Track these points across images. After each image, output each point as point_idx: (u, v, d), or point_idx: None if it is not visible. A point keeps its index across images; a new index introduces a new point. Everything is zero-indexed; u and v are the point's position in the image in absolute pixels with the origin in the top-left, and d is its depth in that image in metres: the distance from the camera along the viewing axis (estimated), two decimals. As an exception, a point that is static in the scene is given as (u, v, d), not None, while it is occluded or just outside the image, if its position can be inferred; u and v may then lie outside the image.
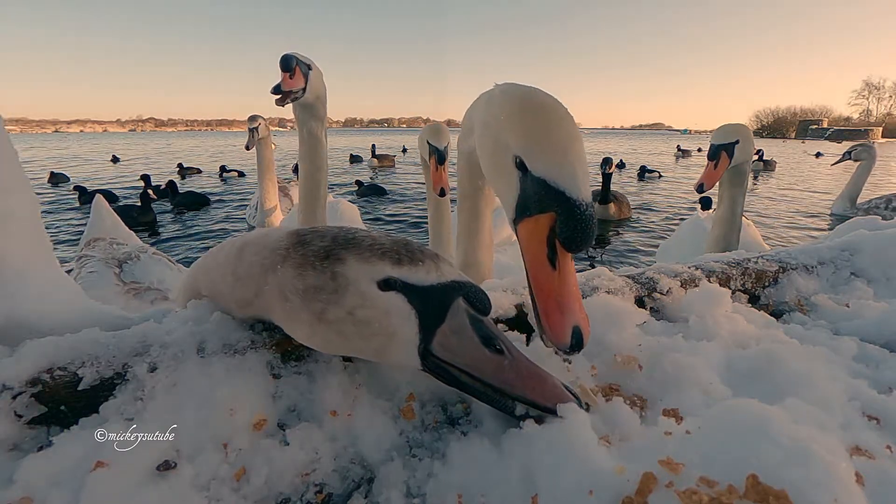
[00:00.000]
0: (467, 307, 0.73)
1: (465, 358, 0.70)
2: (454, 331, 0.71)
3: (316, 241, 0.74)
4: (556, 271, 0.79)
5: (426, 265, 0.72)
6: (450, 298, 0.72)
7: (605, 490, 0.56)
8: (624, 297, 1.11)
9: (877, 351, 1.00)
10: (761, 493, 0.51)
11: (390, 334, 0.70)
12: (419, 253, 0.73)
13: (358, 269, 0.70)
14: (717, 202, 2.83)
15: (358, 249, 0.71)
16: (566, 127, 0.82)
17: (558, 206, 0.78)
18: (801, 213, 8.18)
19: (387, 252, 0.71)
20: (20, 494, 0.59)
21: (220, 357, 0.79)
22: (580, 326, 0.77)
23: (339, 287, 0.69)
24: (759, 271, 1.34)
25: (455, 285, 0.72)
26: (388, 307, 0.70)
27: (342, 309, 0.69)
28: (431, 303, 0.71)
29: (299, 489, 0.66)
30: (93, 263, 2.16)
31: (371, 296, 0.69)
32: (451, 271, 0.74)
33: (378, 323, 0.70)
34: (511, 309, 1.01)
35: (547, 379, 0.71)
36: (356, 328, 0.70)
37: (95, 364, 0.76)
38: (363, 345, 0.72)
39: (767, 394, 0.78)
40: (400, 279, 0.70)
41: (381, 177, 13.79)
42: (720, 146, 2.45)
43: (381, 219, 7.88)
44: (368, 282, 0.70)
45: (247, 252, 0.80)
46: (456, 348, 0.70)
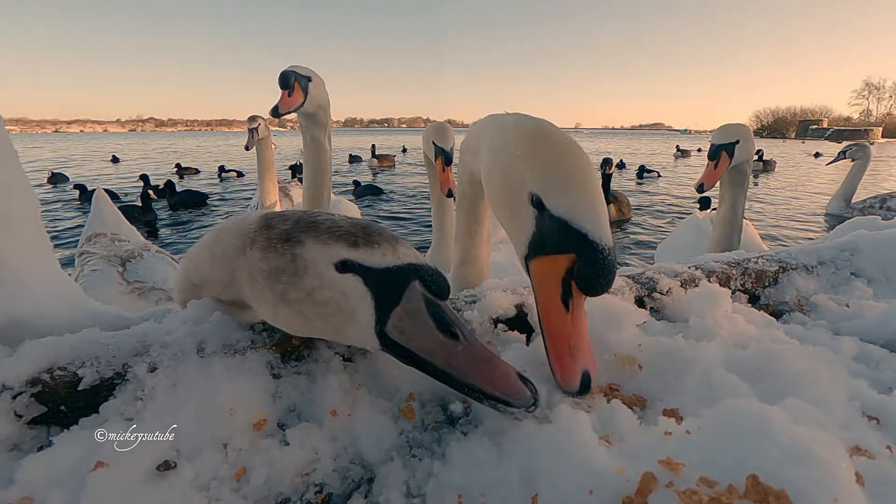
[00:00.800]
0: (424, 291, 0.72)
1: (418, 341, 0.71)
2: (408, 313, 0.71)
3: (279, 224, 0.75)
4: (569, 314, 0.78)
5: (382, 248, 0.72)
6: (405, 281, 0.72)
7: (605, 490, 0.56)
8: (624, 297, 1.11)
9: (877, 351, 1.00)
10: (761, 493, 0.51)
11: (348, 315, 0.71)
12: (376, 235, 0.73)
13: (316, 251, 0.71)
14: (718, 203, 2.82)
15: (316, 232, 0.72)
16: (584, 166, 0.81)
17: (579, 249, 0.76)
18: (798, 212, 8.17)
19: (343, 234, 0.72)
20: (20, 494, 0.59)
21: (220, 357, 0.79)
22: (588, 370, 0.77)
23: (299, 269, 0.71)
24: (759, 271, 1.35)
25: (411, 268, 0.72)
26: (345, 289, 0.71)
27: (302, 290, 0.71)
28: (387, 285, 0.71)
29: (299, 489, 0.66)
30: (95, 261, 2.14)
31: (328, 277, 0.71)
32: (408, 254, 0.74)
33: (335, 304, 0.71)
34: (511, 309, 1.01)
35: (499, 367, 0.70)
36: (315, 309, 0.71)
37: (95, 364, 0.76)
38: (323, 325, 0.74)
39: (767, 394, 0.78)
40: (356, 261, 0.71)
41: (382, 177, 13.77)
42: (721, 146, 2.45)
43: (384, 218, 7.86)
44: (326, 264, 0.71)
45: (222, 236, 0.82)
46: (410, 331, 0.71)
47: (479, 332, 0.97)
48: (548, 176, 0.79)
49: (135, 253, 2.26)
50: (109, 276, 2.03)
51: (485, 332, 0.97)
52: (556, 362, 0.78)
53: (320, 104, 2.34)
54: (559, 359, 0.78)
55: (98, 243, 2.38)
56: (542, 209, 0.79)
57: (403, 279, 0.72)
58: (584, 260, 0.75)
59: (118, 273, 2.06)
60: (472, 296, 1.06)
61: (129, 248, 2.31)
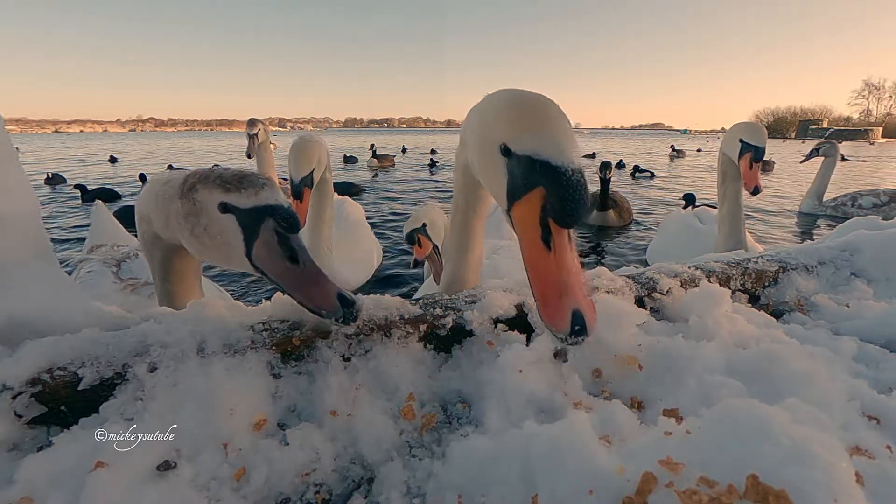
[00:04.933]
0: (276, 226, 0.89)
1: (271, 266, 0.88)
2: (264, 244, 0.89)
3: (190, 178, 0.96)
4: (551, 252, 0.75)
5: (247, 192, 0.90)
6: (261, 218, 0.89)
7: (605, 490, 0.56)
8: (624, 297, 1.11)
9: (877, 351, 1.00)
10: (761, 493, 0.51)
11: (229, 245, 0.91)
12: (245, 182, 0.91)
13: (205, 195, 0.92)
14: (720, 199, 2.82)
15: (206, 182, 0.93)
16: (549, 108, 0.82)
17: (545, 178, 0.75)
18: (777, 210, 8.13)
19: (221, 183, 0.91)
20: (20, 494, 0.59)
21: (220, 357, 0.79)
22: (581, 310, 0.72)
23: (198, 210, 0.92)
24: (759, 271, 1.35)
25: (266, 208, 0.89)
26: (224, 225, 0.91)
27: (201, 226, 0.93)
28: (249, 222, 0.89)
29: (299, 489, 0.66)
30: (91, 265, 2.16)
31: (215, 216, 0.91)
32: (269, 196, 0.91)
33: (221, 236, 0.91)
34: (511, 309, 1.01)
35: (324, 287, 0.86)
36: (211, 241, 0.93)
37: (95, 364, 0.76)
38: (218, 253, 0.94)
39: (767, 394, 0.78)
40: (229, 203, 0.90)
41: (382, 177, 13.75)
42: (762, 148, 2.53)
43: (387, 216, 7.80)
44: (213, 206, 0.91)
45: (160, 189, 1.02)
46: (265, 258, 0.89)
47: (479, 331, 0.97)
48: (514, 124, 0.80)
49: (129, 254, 2.28)
50: (104, 275, 2.05)
51: (485, 331, 0.97)
52: (542, 305, 0.74)
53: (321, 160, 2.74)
54: (545, 301, 0.74)
55: (97, 252, 2.42)
56: (511, 155, 0.81)
57: (260, 217, 0.89)
58: (551, 189, 0.74)
59: (112, 273, 2.08)
60: (472, 296, 1.06)
61: (125, 251, 2.34)
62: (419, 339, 0.94)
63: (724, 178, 2.75)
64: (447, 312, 0.99)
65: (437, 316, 0.97)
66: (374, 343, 0.90)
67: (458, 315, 0.98)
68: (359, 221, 4.07)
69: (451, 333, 0.96)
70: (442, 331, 0.96)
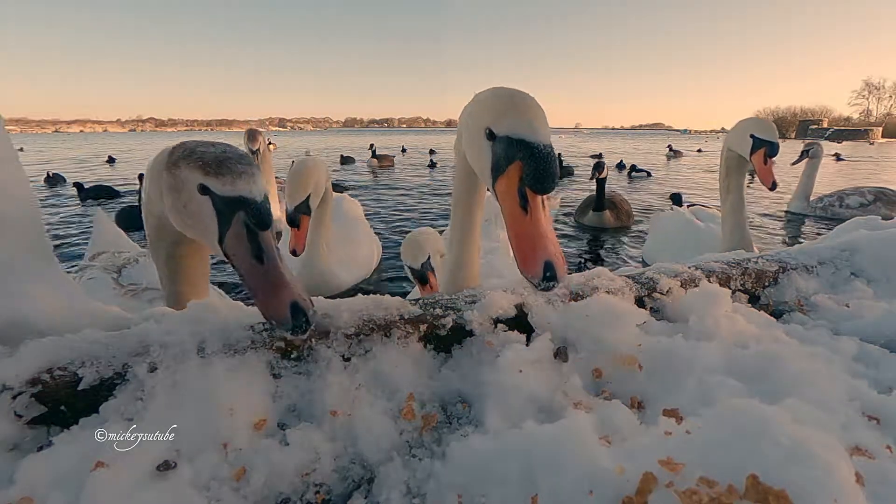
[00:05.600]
0: (248, 219, 0.88)
1: (237, 259, 0.88)
2: (234, 236, 0.89)
3: (176, 152, 0.95)
4: (527, 215, 0.89)
5: (226, 178, 0.88)
6: (233, 210, 0.89)
7: (605, 490, 0.56)
8: (624, 297, 1.11)
9: (877, 351, 1.00)
10: (761, 493, 0.51)
11: (205, 227, 0.92)
12: (225, 167, 0.89)
13: (187, 173, 0.91)
14: (723, 194, 2.81)
15: (188, 160, 0.91)
16: (525, 98, 0.95)
17: (521, 153, 0.89)
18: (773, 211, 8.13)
19: (202, 164, 0.90)
20: (20, 494, 0.59)
21: (220, 357, 0.79)
22: (552, 261, 0.85)
23: (180, 186, 0.93)
24: (759, 271, 1.35)
25: (239, 200, 0.89)
26: (201, 206, 0.91)
27: (181, 202, 0.93)
28: (223, 210, 0.89)
29: (299, 489, 0.66)
30: (92, 271, 2.17)
31: (194, 196, 0.91)
32: (245, 187, 0.89)
33: (198, 215, 0.92)
34: (511, 309, 1.01)
35: (279, 294, 0.83)
36: (191, 218, 0.94)
37: (95, 364, 0.76)
38: (195, 230, 0.95)
39: (767, 394, 0.78)
40: (207, 186, 0.89)
41: (382, 176, 13.72)
42: (776, 144, 2.54)
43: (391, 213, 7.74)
44: (193, 185, 0.91)
45: (155, 162, 1.03)
46: (233, 250, 0.89)
47: (479, 331, 0.97)
48: (496, 112, 0.94)
49: (130, 260, 2.29)
50: (104, 282, 2.06)
51: (485, 331, 0.97)
52: (519, 256, 0.88)
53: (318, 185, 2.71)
54: (521, 254, 0.88)
55: (98, 259, 2.42)
56: (494, 137, 0.94)
57: (233, 208, 0.89)
58: (526, 161, 0.88)
59: (113, 279, 2.09)
60: (472, 296, 1.06)
61: (126, 257, 2.35)
62: (419, 339, 0.94)
63: (727, 172, 2.74)
64: (447, 312, 0.99)
65: (437, 316, 0.97)
66: (374, 343, 0.90)
67: (458, 315, 0.98)
68: (358, 218, 4.05)
69: (451, 333, 0.96)
70: (442, 331, 0.96)
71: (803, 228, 6.67)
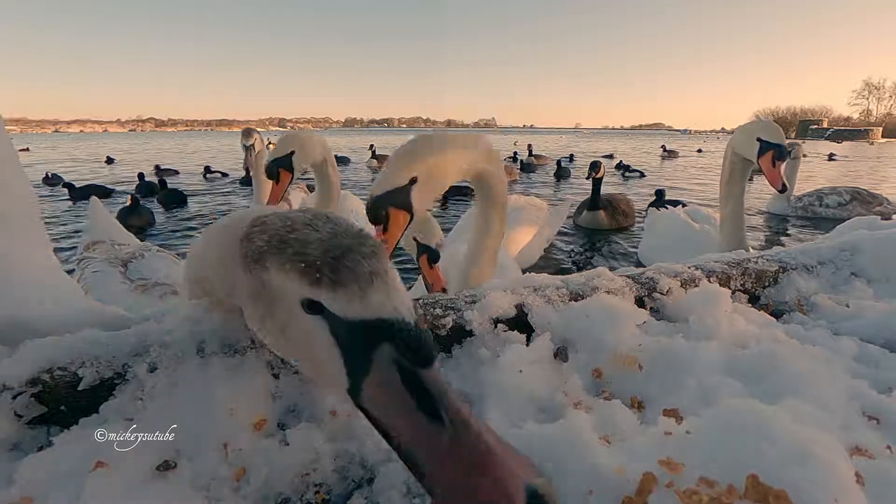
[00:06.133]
0: (398, 356, 0.55)
1: (391, 419, 0.54)
2: (381, 383, 0.55)
3: (257, 238, 0.62)
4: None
5: (349, 290, 0.55)
6: (373, 342, 0.55)
7: (606, 490, 0.56)
8: (624, 297, 1.11)
9: (877, 351, 1.00)
10: (761, 493, 0.51)
11: (318, 363, 0.60)
12: (345, 270, 0.56)
13: (280, 279, 0.59)
14: (723, 199, 2.83)
15: (281, 257, 0.59)
16: None
17: None
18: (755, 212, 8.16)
19: (308, 266, 0.57)
20: (20, 494, 0.59)
21: (220, 357, 0.79)
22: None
23: (271, 298, 0.61)
24: (759, 271, 1.34)
25: (381, 325, 0.55)
26: (312, 334, 0.59)
27: (276, 323, 0.62)
28: (352, 341, 0.56)
29: (299, 489, 0.66)
30: (95, 264, 2.15)
31: (296, 315, 0.59)
32: (381, 302, 0.56)
33: (306, 347, 0.60)
34: (511, 309, 1.01)
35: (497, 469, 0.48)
36: (290, 345, 0.63)
37: (95, 364, 0.76)
38: (304, 367, 0.66)
39: (767, 394, 0.78)
40: (321, 303, 0.57)
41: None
42: (784, 147, 2.57)
43: None
44: (293, 298, 0.59)
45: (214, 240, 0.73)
46: (382, 405, 0.55)
47: (479, 331, 0.96)
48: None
49: (135, 254, 2.27)
50: (111, 275, 2.04)
51: (485, 332, 0.97)
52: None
53: (314, 160, 2.68)
54: None
55: (97, 249, 2.40)
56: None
57: (372, 340, 0.55)
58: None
59: (120, 273, 2.07)
60: (471, 296, 1.06)
61: (130, 251, 2.33)
62: (419, 339, 0.94)
63: (730, 177, 2.75)
64: (447, 312, 0.99)
65: (437, 316, 0.97)
66: (374, 343, 0.90)
67: (458, 315, 0.98)
68: (359, 216, 4.07)
69: (451, 333, 0.96)
70: (442, 331, 0.96)
71: (785, 228, 6.72)
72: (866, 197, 6.76)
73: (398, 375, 0.54)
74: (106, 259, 2.18)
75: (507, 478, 0.47)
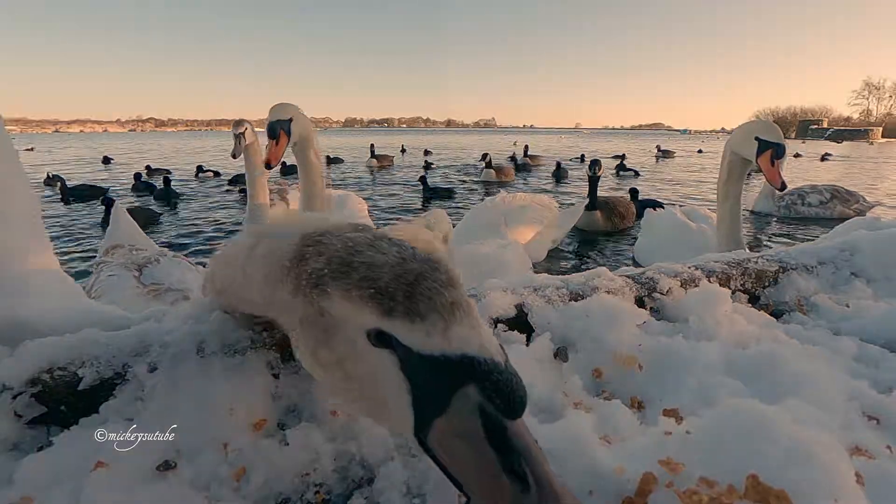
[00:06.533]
0: (483, 401, 0.48)
1: (465, 469, 0.49)
2: (457, 431, 0.49)
3: (313, 259, 0.57)
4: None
5: (427, 321, 0.49)
6: (454, 383, 0.49)
7: (606, 490, 0.56)
8: (624, 297, 1.11)
9: (877, 351, 1.00)
10: (761, 493, 0.51)
11: (380, 400, 0.54)
12: (425, 299, 0.50)
13: (344, 308, 0.53)
14: (721, 198, 2.84)
15: (346, 282, 0.53)
16: None
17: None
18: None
19: (379, 292, 0.51)
20: (20, 494, 0.59)
21: (220, 357, 0.79)
22: None
23: (330, 327, 0.56)
24: (759, 271, 1.34)
25: (466, 363, 0.49)
26: (377, 368, 0.53)
27: (333, 354, 0.56)
28: (428, 379, 0.50)
29: (299, 489, 0.66)
30: (111, 268, 2.17)
31: (360, 348, 0.54)
32: (466, 336, 0.50)
33: (368, 382, 0.55)
34: (511, 309, 1.01)
35: None
36: (346, 382, 0.57)
37: (95, 364, 0.76)
38: (358, 403, 0.60)
39: (767, 394, 0.78)
40: (391, 334, 0.51)
41: (380, 176, 13.68)
42: (783, 146, 2.59)
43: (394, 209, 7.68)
44: (358, 329, 0.53)
45: (257, 254, 0.67)
46: (456, 454, 0.50)
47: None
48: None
49: (151, 259, 2.28)
50: (126, 280, 2.06)
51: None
52: None
53: (303, 135, 2.84)
54: None
55: (115, 254, 2.44)
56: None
57: (453, 380, 0.49)
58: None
59: (134, 277, 2.09)
60: (471, 296, 1.06)
61: (146, 256, 2.35)
62: (419, 339, 0.94)
63: (728, 176, 2.76)
64: (447, 312, 0.98)
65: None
66: (374, 343, 0.90)
67: (458, 315, 0.98)
68: (362, 216, 4.08)
69: (451, 333, 0.96)
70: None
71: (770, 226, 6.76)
72: (844, 195, 6.89)
73: (480, 423, 0.48)
74: (121, 264, 2.20)
75: None
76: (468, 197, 9.87)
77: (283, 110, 2.73)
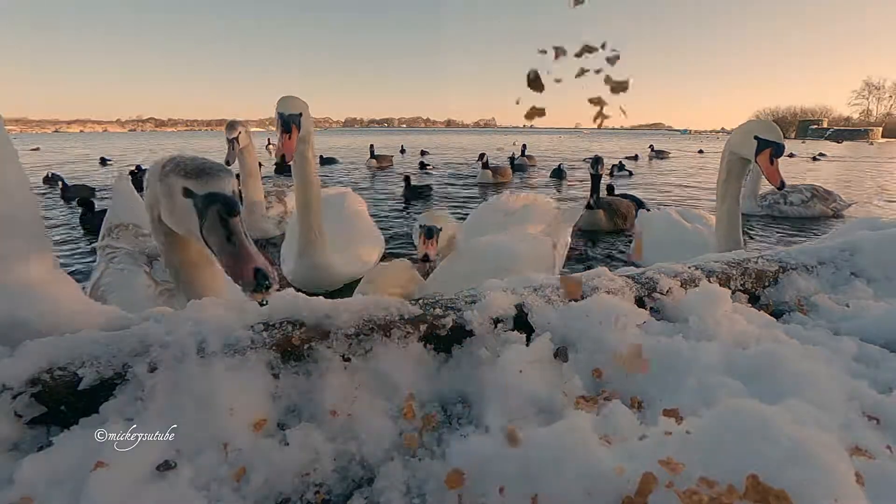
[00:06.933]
0: (220, 208, 1.06)
1: (213, 241, 1.06)
2: (210, 226, 1.06)
3: (167, 165, 1.15)
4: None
5: (201, 180, 1.08)
6: (208, 204, 1.06)
7: (606, 490, 0.56)
8: (624, 297, 1.11)
9: (877, 351, 1.00)
10: (761, 493, 0.51)
11: (190, 223, 1.10)
12: (202, 173, 1.09)
13: (174, 181, 1.11)
14: (720, 198, 2.83)
15: (175, 170, 1.12)
16: None
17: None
18: None
19: (185, 172, 1.10)
20: (20, 494, 0.59)
21: (220, 357, 0.79)
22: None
23: (171, 192, 1.12)
24: (759, 271, 1.35)
25: (212, 196, 1.07)
26: (185, 206, 1.10)
27: (174, 205, 1.12)
28: (202, 205, 1.07)
29: (299, 489, 0.66)
30: (120, 258, 2.02)
31: (179, 198, 1.11)
32: (217, 185, 1.08)
33: (185, 215, 1.11)
34: (511, 309, 1.01)
35: (246, 263, 1.00)
36: (180, 217, 1.13)
37: (95, 364, 0.76)
38: (182, 226, 1.14)
39: (767, 394, 0.77)
40: (189, 188, 1.09)
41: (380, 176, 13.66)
42: (782, 145, 2.58)
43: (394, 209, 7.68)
44: (179, 190, 1.10)
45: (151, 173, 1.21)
46: (211, 237, 1.06)
47: (479, 331, 0.97)
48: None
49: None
50: (136, 276, 1.94)
51: (485, 331, 0.97)
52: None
53: (308, 130, 2.82)
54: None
55: (121, 237, 2.26)
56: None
57: (207, 203, 1.07)
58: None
59: (146, 273, 1.97)
60: (471, 296, 1.06)
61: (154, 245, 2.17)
62: (419, 339, 0.94)
63: (727, 176, 2.76)
64: (447, 312, 0.99)
65: (437, 316, 0.97)
66: (374, 343, 0.90)
67: (458, 315, 0.98)
68: (360, 213, 4.01)
69: (451, 333, 0.96)
70: (442, 331, 0.96)
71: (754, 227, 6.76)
72: (823, 194, 6.99)
73: (217, 220, 1.05)
74: (130, 253, 2.07)
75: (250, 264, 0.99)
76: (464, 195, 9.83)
77: (294, 104, 2.71)
